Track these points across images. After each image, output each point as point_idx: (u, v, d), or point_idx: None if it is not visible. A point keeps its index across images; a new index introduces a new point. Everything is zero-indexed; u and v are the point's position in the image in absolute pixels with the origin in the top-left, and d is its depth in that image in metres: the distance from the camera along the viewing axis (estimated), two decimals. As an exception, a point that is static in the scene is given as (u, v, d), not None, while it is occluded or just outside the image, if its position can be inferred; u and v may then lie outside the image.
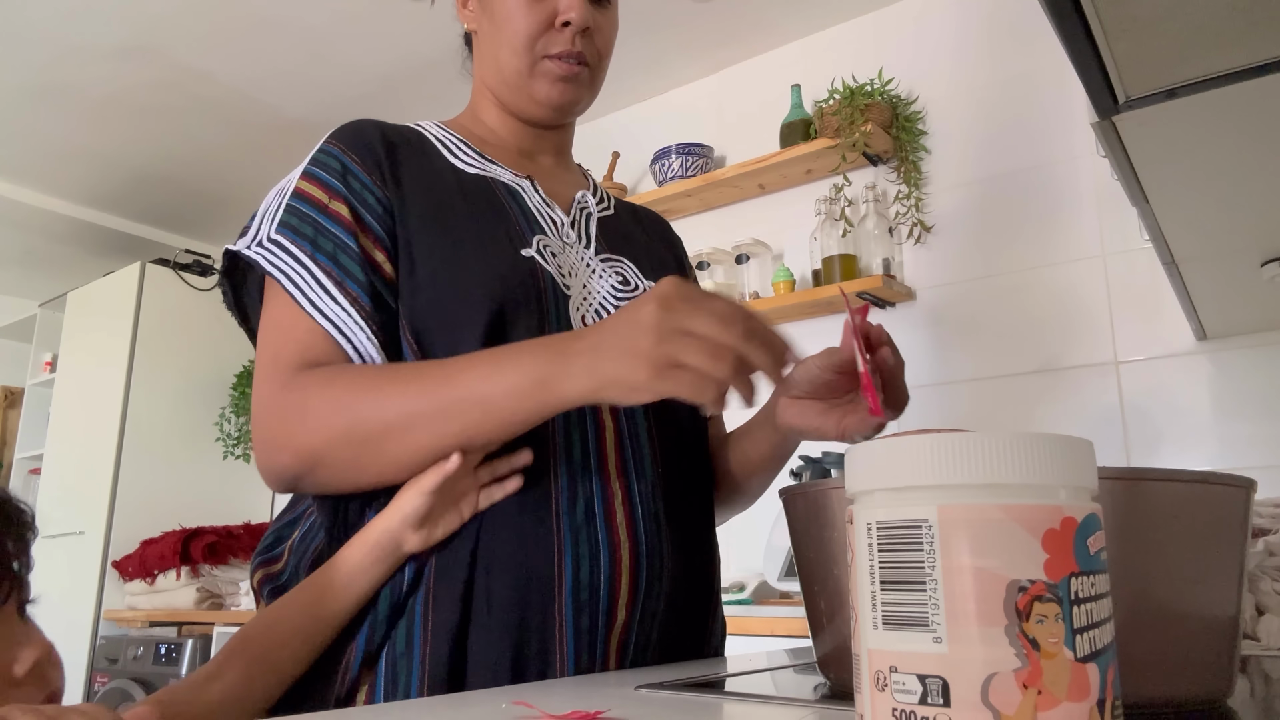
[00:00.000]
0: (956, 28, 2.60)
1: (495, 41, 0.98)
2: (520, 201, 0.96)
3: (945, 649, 0.29)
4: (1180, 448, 2.15)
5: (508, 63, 0.97)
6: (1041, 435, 0.30)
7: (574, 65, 0.96)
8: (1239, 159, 0.99)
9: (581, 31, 0.95)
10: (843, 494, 0.42)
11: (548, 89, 0.97)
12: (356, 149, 0.90)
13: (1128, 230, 2.24)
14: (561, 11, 0.95)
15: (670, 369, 0.67)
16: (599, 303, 0.94)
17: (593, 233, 1.01)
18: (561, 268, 0.92)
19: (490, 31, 0.99)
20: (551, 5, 0.95)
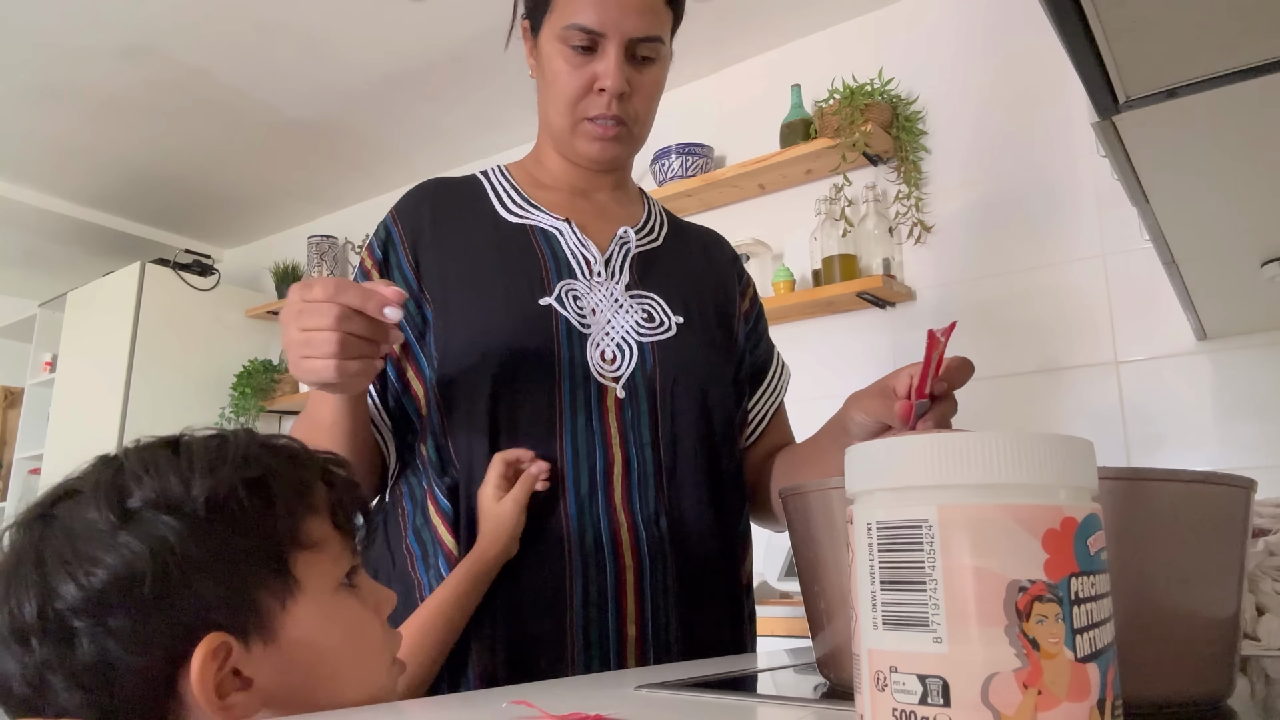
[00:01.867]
0: (956, 28, 2.60)
1: (546, 96, 1.06)
2: (555, 246, 1.05)
3: (945, 649, 0.29)
4: (1180, 448, 2.15)
5: (554, 119, 1.05)
6: (1041, 435, 0.30)
7: (611, 127, 1.03)
8: (1239, 159, 0.99)
9: (618, 95, 1.00)
10: (843, 494, 0.42)
11: (587, 147, 1.04)
12: (404, 217, 1.06)
13: (1128, 230, 2.24)
14: (599, 78, 1.00)
15: (302, 364, 0.78)
16: (621, 337, 1.02)
17: (627, 269, 1.07)
18: (584, 308, 1.01)
19: (542, 86, 1.06)
20: (591, 70, 1.00)
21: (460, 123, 3.39)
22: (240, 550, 0.55)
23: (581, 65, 1.00)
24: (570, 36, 0.99)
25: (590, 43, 0.99)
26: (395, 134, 3.48)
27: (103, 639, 0.51)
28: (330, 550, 0.60)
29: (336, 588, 0.59)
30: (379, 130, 3.44)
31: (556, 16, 1.00)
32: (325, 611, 0.58)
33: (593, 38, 0.98)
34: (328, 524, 0.60)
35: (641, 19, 0.99)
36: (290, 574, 0.57)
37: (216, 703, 0.52)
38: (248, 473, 0.57)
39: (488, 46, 2.93)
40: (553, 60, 1.01)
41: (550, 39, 1.02)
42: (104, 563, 0.51)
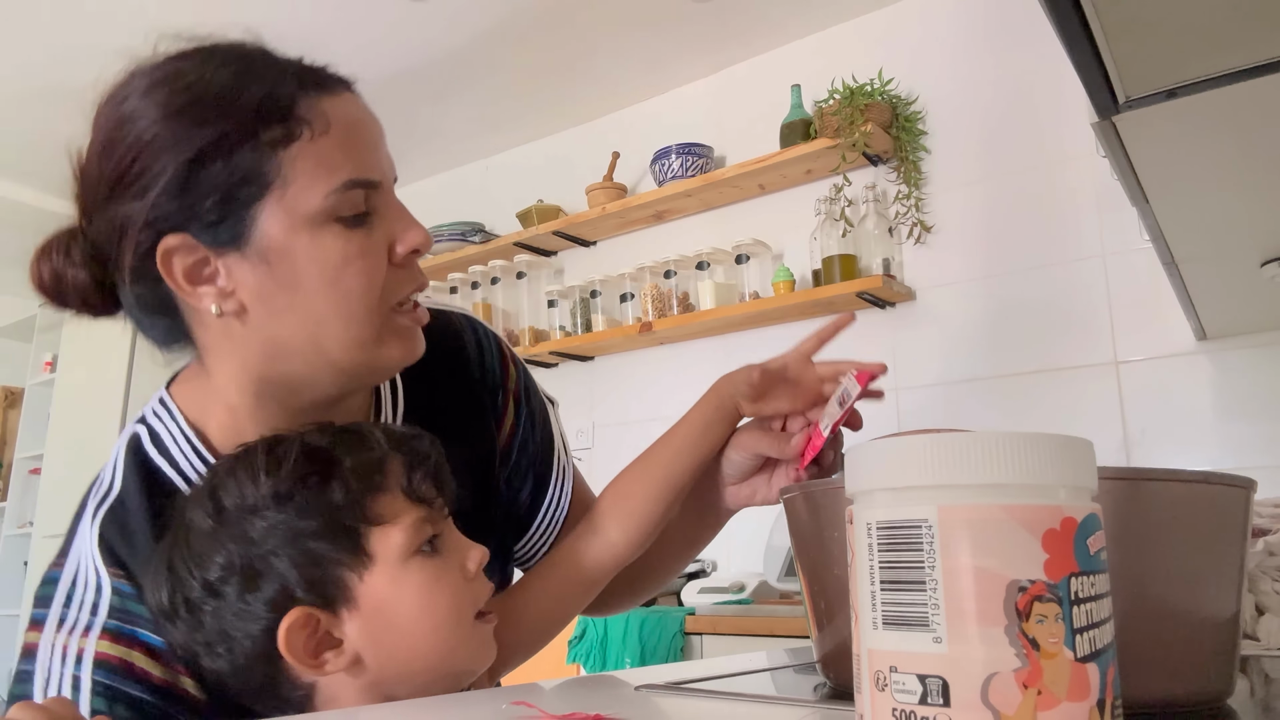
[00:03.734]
0: (956, 28, 2.60)
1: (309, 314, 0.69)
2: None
3: (945, 649, 0.29)
4: (1180, 448, 2.15)
5: (341, 337, 0.69)
6: (1041, 435, 0.30)
7: (419, 306, 0.75)
8: (1239, 159, 0.99)
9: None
10: (843, 494, 0.42)
11: (401, 351, 0.73)
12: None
13: (1128, 230, 2.24)
14: (403, 239, 0.71)
15: None
16: None
17: None
18: None
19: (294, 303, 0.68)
20: (383, 238, 0.71)
21: (460, 123, 3.39)
22: (311, 534, 0.63)
23: (369, 236, 0.69)
24: (343, 203, 0.68)
25: (364, 205, 0.69)
26: (395, 134, 3.44)
27: (220, 616, 0.63)
28: (404, 522, 0.66)
29: (410, 556, 0.65)
30: (379, 130, 3.44)
31: (301, 187, 0.67)
32: (398, 576, 0.65)
33: (368, 194, 0.70)
34: (401, 499, 0.66)
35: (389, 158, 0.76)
36: (363, 549, 0.64)
37: (309, 662, 0.63)
38: (309, 469, 0.65)
39: (488, 46, 2.93)
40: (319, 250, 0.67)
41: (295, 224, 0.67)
42: (211, 558, 0.64)
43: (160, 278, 0.68)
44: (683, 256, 2.89)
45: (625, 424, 3.09)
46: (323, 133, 0.69)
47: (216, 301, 0.69)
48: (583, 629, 2.39)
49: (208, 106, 0.68)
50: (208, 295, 0.69)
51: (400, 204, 0.74)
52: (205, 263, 0.68)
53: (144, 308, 0.73)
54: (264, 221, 0.67)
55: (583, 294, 3.11)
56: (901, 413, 2.55)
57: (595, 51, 2.96)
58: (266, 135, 0.67)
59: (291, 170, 0.67)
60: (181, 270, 0.68)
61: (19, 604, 4.00)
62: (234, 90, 0.69)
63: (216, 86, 0.70)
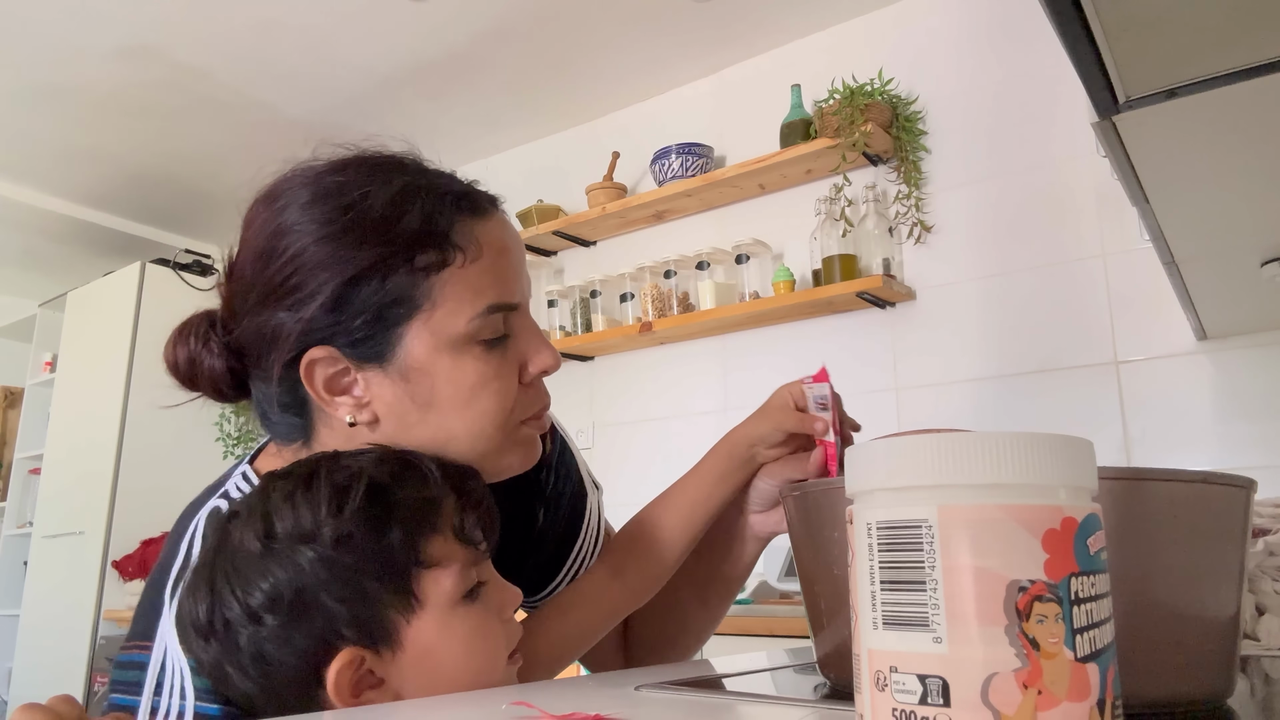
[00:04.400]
0: (956, 27, 2.60)
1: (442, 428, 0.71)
2: None
3: (945, 649, 0.29)
4: (1180, 448, 2.15)
5: (469, 450, 0.72)
6: (1041, 435, 0.30)
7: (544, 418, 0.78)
8: (1239, 159, 0.99)
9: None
10: (843, 494, 0.42)
11: (523, 458, 0.76)
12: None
13: (1128, 230, 2.24)
14: (535, 361, 0.74)
15: None
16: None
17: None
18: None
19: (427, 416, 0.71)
20: (517, 358, 0.74)
21: (460, 123, 3.39)
22: (366, 575, 0.62)
23: (504, 358, 0.72)
24: (486, 327, 0.70)
25: (504, 327, 0.72)
26: (395, 134, 3.47)
27: (259, 641, 0.61)
28: (453, 565, 0.65)
29: (457, 602, 0.65)
30: (378, 130, 3.43)
31: (448, 311, 0.69)
32: (446, 624, 0.65)
33: (507, 317, 0.72)
34: (452, 541, 0.66)
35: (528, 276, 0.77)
36: (413, 593, 0.64)
37: (351, 701, 0.62)
38: (372, 510, 0.63)
39: (488, 46, 2.93)
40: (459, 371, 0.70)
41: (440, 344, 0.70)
42: (256, 583, 0.62)
43: (299, 382, 0.71)
44: (683, 256, 2.89)
45: (625, 424, 3.09)
46: (475, 259, 0.70)
47: (352, 412, 0.72)
48: (583, 629, 2.38)
49: (368, 230, 0.69)
50: (344, 405, 0.71)
51: (534, 324, 0.75)
52: (346, 373, 0.71)
53: (277, 406, 0.75)
54: (409, 341, 0.69)
55: (583, 294, 3.11)
56: (901, 413, 2.55)
57: (595, 51, 2.96)
58: (421, 260, 0.69)
59: (441, 294, 0.69)
60: (323, 380, 0.71)
61: (18, 604, 4.00)
62: (394, 214, 0.70)
63: (378, 210, 0.70)
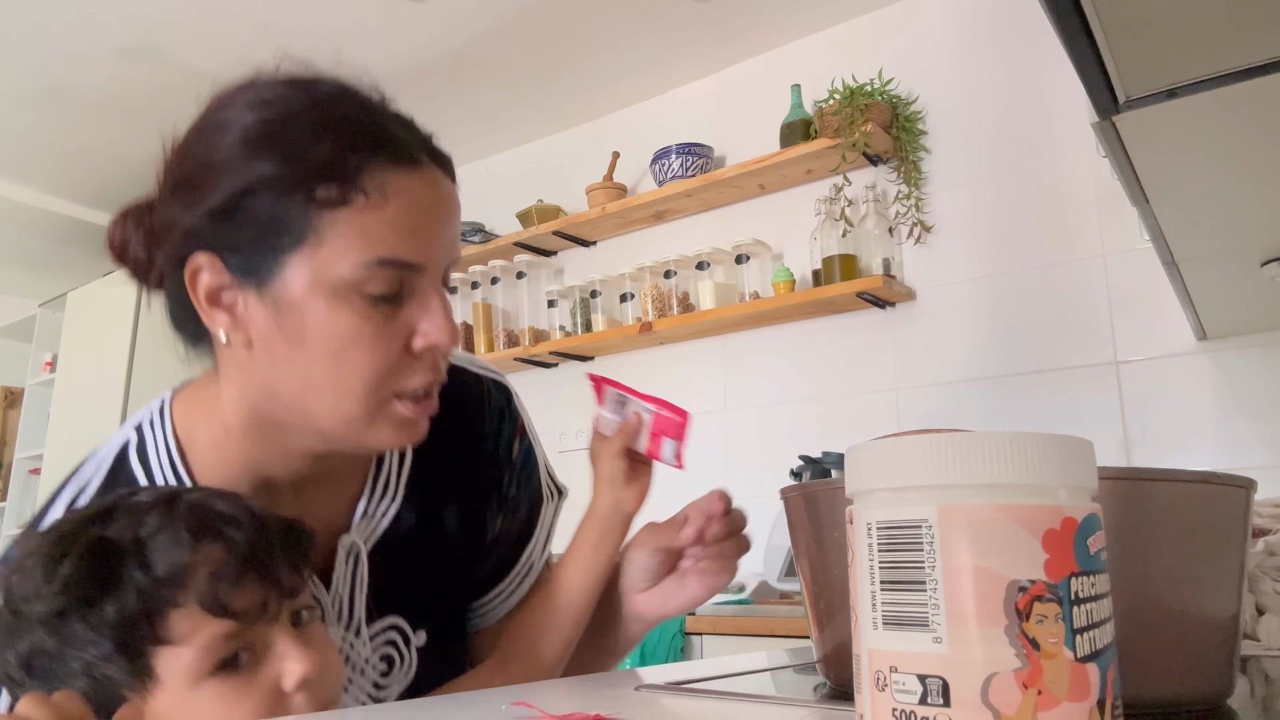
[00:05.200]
0: (956, 28, 2.60)
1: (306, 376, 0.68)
2: None
3: (945, 649, 0.29)
4: (1180, 448, 2.15)
5: (334, 408, 0.68)
6: (1041, 435, 0.30)
7: (431, 400, 0.72)
8: (1239, 159, 0.99)
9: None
10: (843, 494, 0.42)
11: (391, 435, 0.70)
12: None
13: (1128, 230, 2.24)
14: (423, 333, 0.69)
15: None
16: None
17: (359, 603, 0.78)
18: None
19: (293, 358, 0.68)
20: (406, 324, 0.68)
21: (460, 123, 3.39)
22: (95, 655, 0.59)
23: (390, 320, 0.67)
24: (372, 279, 0.66)
25: (399, 285, 0.67)
26: (395, 134, 3.47)
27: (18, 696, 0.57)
28: (196, 642, 0.60)
29: (202, 679, 0.60)
30: (379, 130, 3.44)
31: (335, 251, 0.65)
32: (185, 702, 0.59)
33: (404, 276, 0.67)
34: (198, 614, 0.60)
35: (456, 241, 0.72)
36: (148, 671, 0.59)
37: None
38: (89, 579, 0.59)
39: (488, 46, 2.93)
40: (333, 319, 0.66)
41: (318, 285, 0.66)
42: (12, 647, 0.61)
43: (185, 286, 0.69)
44: (683, 256, 2.89)
45: (625, 424, 3.08)
46: (377, 206, 0.66)
47: (227, 329, 0.69)
48: (583, 629, 2.38)
49: (279, 148, 0.66)
50: (221, 320, 0.69)
51: (442, 296, 0.70)
52: (228, 288, 0.68)
53: (175, 305, 0.74)
54: (290, 271, 0.66)
55: (583, 294, 3.11)
56: (901, 413, 2.55)
57: (595, 51, 2.96)
58: (321, 193, 0.65)
59: (331, 233, 0.65)
60: (205, 289, 0.69)
61: (19, 604, 4.00)
62: (308, 140, 0.67)
63: (296, 132, 0.67)
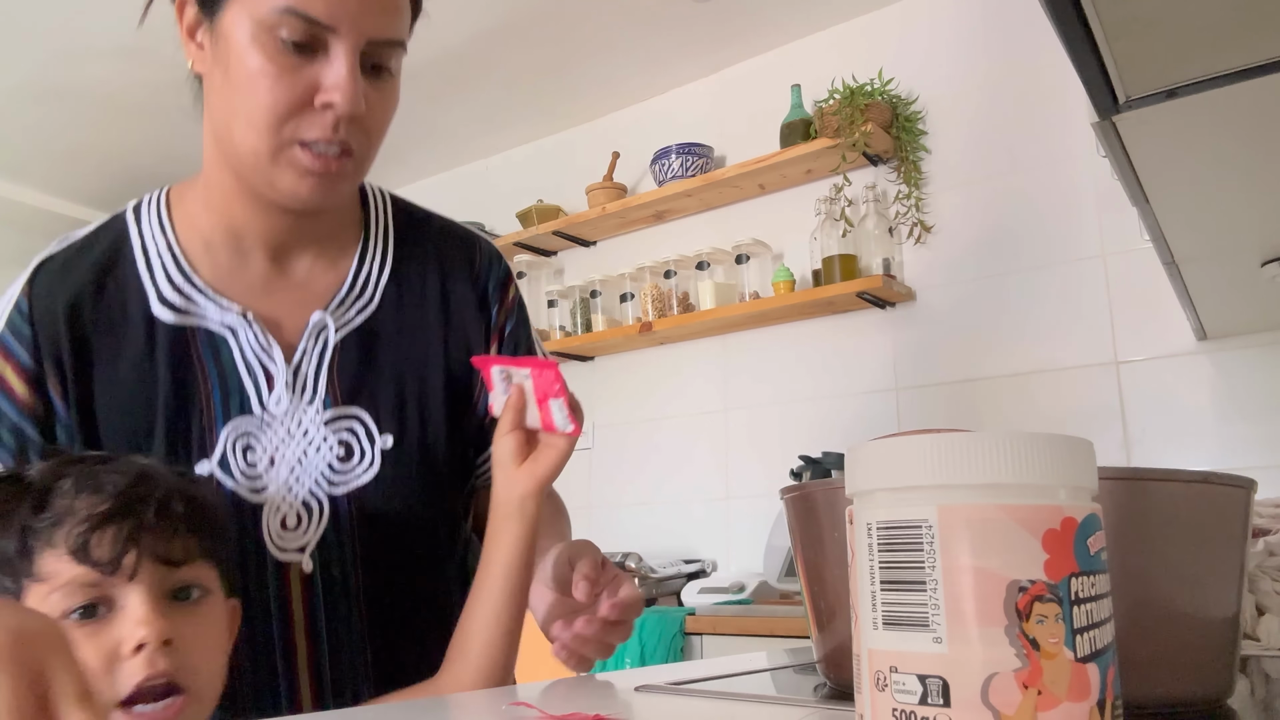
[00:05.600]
0: (956, 27, 2.60)
1: (230, 105, 0.75)
2: (223, 364, 0.80)
3: (945, 649, 0.29)
4: (1180, 448, 2.15)
5: (244, 139, 0.75)
6: (1041, 435, 0.30)
7: (335, 159, 0.76)
8: (1239, 159, 0.99)
9: (350, 117, 0.75)
10: (843, 494, 0.42)
11: (294, 183, 0.75)
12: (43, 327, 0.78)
13: (1128, 230, 2.24)
14: (325, 89, 0.73)
15: None
16: (308, 492, 0.79)
17: (324, 377, 0.82)
18: (258, 460, 0.79)
19: (224, 89, 0.76)
20: (310, 77, 0.73)
21: (460, 123, 3.39)
22: None
23: (296, 68, 0.73)
24: (283, 25, 0.71)
25: (311, 39, 0.72)
26: (395, 134, 3.46)
27: None
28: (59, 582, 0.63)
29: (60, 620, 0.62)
30: (379, 130, 3.44)
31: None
32: None
33: (315, 32, 0.72)
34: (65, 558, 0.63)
35: (386, 16, 0.76)
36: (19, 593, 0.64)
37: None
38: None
39: (488, 46, 2.93)
40: (248, 55, 0.73)
41: (243, 23, 0.73)
42: None
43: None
44: (683, 256, 2.89)
45: (625, 424, 3.09)
46: None
47: (194, 59, 0.79)
48: (583, 629, 2.38)
49: None
50: (193, 53, 0.79)
51: (352, 65, 0.74)
52: (199, 23, 0.78)
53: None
54: (229, 10, 0.74)
55: (583, 294, 3.11)
56: (901, 413, 2.55)
57: (595, 51, 2.96)
58: None
59: None
60: (186, 24, 0.79)
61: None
62: None
63: None
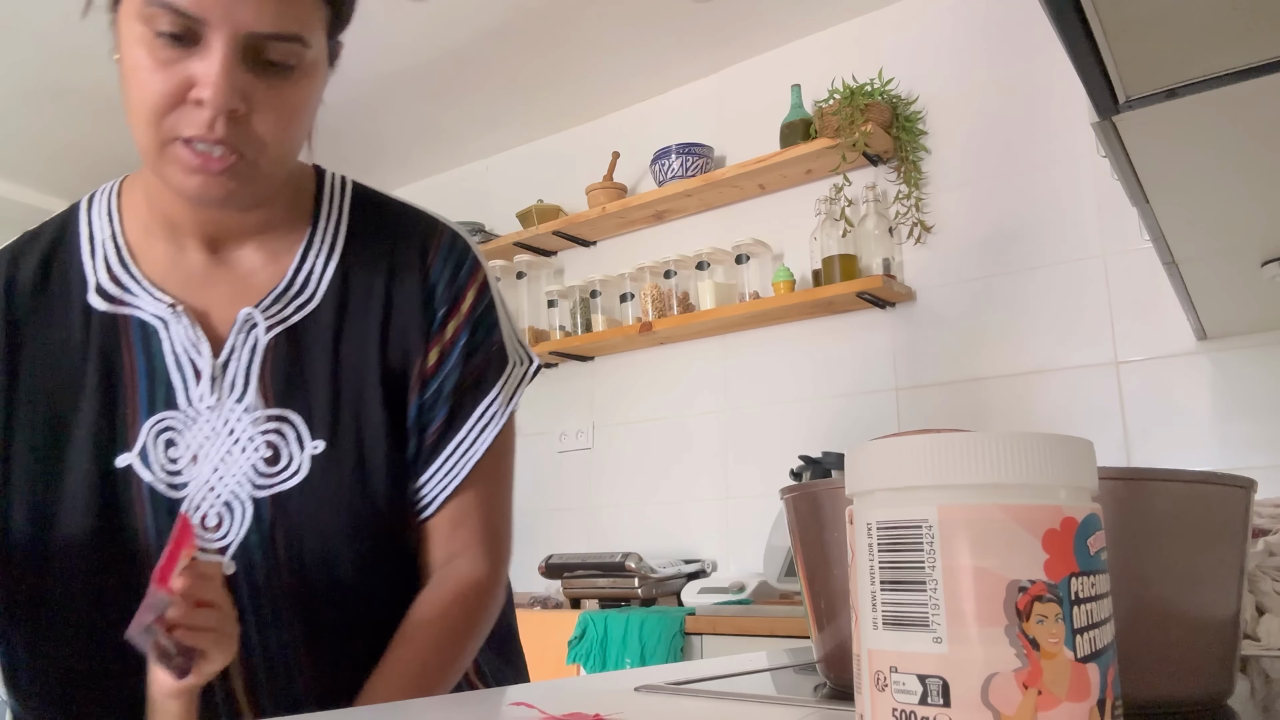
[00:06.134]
0: (956, 28, 2.60)
1: (124, 98, 0.73)
2: (153, 358, 0.78)
3: (945, 649, 0.29)
4: (1180, 448, 2.15)
5: (135, 133, 0.73)
6: (1041, 435, 0.30)
7: (218, 158, 0.71)
8: (1239, 159, 0.99)
9: (227, 113, 0.70)
10: (843, 494, 0.42)
11: (181, 180, 0.72)
12: None
13: (1128, 230, 2.24)
14: (198, 84, 0.69)
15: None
16: (230, 493, 0.76)
17: (254, 376, 0.79)
18: (180, 456, 0.76)
19: (121, 81, 0.73)
20: (185, 71, 0.70)
21: (460, 123, 3.39)
22: None
23: (172, 62, 0.69)
24: (156, 17, 0.68)
25: (184, 30, 0.69)
26: (395, 134, 3.48)
27: None
28: None
29: None
30: (378, 130, 3.44)
31: None
32: None
33: (188, 24, 0.68)
34: None
35: (266, 8, 0.69)
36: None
37: None
38: None
39: (488, 46, 2.93)
40: (131, 47, 0.71)
41: (129, 15, 0.71)
42: None
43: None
44: (683, 256, 2.89)
45: (625, 424, 3.09)
46: None
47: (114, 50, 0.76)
48: (583, 629, 2.39)
49: None
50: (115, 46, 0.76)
51: (225, 59, 0.69)
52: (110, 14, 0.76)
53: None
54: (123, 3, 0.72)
55: (583, 294, 3.11)
56: (901, 413, 2.55)
57: (595, 51, 2.96)
58: None
59: None
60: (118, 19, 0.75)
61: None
62: None
63: None
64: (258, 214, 0.81)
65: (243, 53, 0.70)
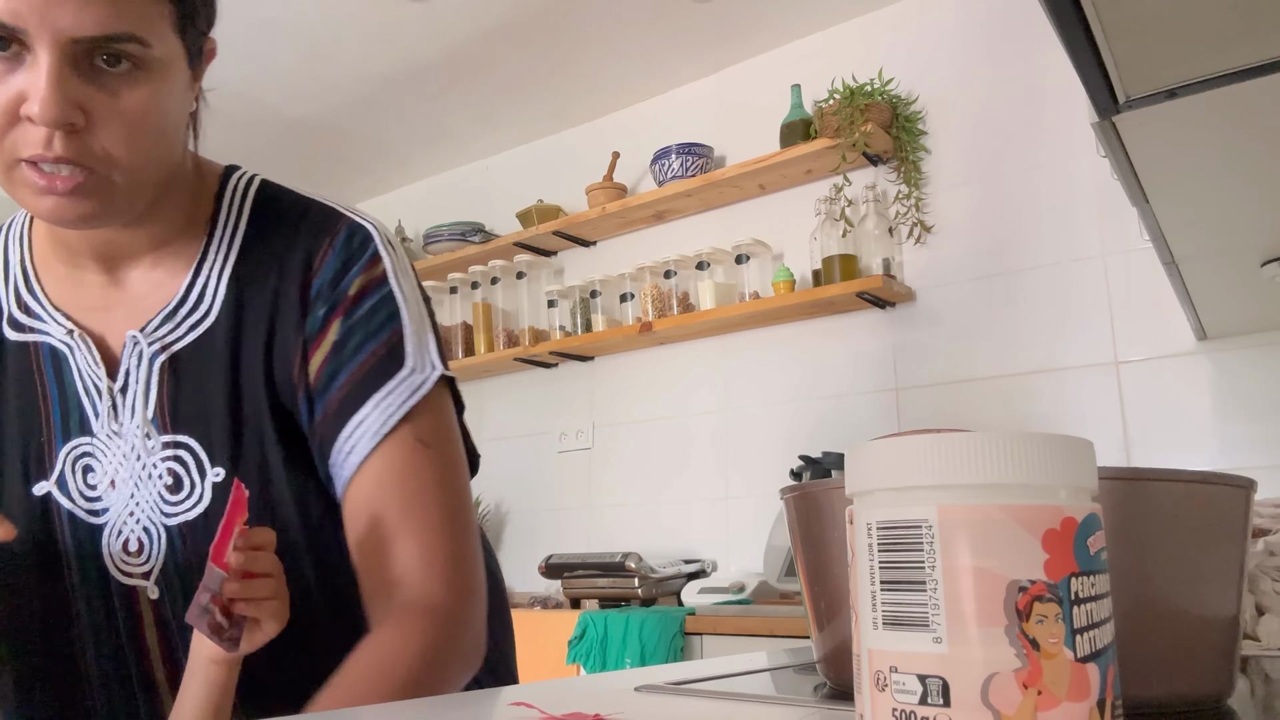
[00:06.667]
0: (956, 27, 2.60)
1: None
2: (64, 381, 0.76)
3: (945, 649, 0.29)
4: (1180, 448, 2.15)
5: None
6: (1041, 435, 0.30)
7: (66, 177, 0.66)
8: (1239, 159, 0.99)
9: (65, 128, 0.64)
10: (843, 494, 0.42)
11: (34, 203, 0.67)
12: None
13: (1128, 230, 2.24)
14: (28, 99, 0.64)
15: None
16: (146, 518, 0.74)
17: (152, 397, 0.75)
18: (98, 481, 0.75)
19: None
20: (15, 88, 0.64)
21: (460, 123, 3.39)
22: None
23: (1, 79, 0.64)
24: None
25: (8, 43, 0.64)
26: (395, 134, 3.48)
27: None
28: None
29: None
30: (379, 130, 3.44)
31: None
32: None
33: (8, 35, 0.63)
34: None
35: (88, 11, 0.63)
36: None
37: None
38: None
39: (488, 46, 2.93)
40: None
41: None
42: None
43: None
44: (683, 256, 2.89)
45: (625, 424, 3.09)
46: None
47: None
48: (583, 629, 2.39)
49: None
50: None
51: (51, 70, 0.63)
52: None
53: None
54: None
55: (583, 294, 3.11)
56: (901, 413, 2.55)
57: (595, 51, 2.96)
58: None
59: None
60: None
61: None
62: None
63: None
64: (150, 229, 0.76)
65: (73, 61, 0.64)
